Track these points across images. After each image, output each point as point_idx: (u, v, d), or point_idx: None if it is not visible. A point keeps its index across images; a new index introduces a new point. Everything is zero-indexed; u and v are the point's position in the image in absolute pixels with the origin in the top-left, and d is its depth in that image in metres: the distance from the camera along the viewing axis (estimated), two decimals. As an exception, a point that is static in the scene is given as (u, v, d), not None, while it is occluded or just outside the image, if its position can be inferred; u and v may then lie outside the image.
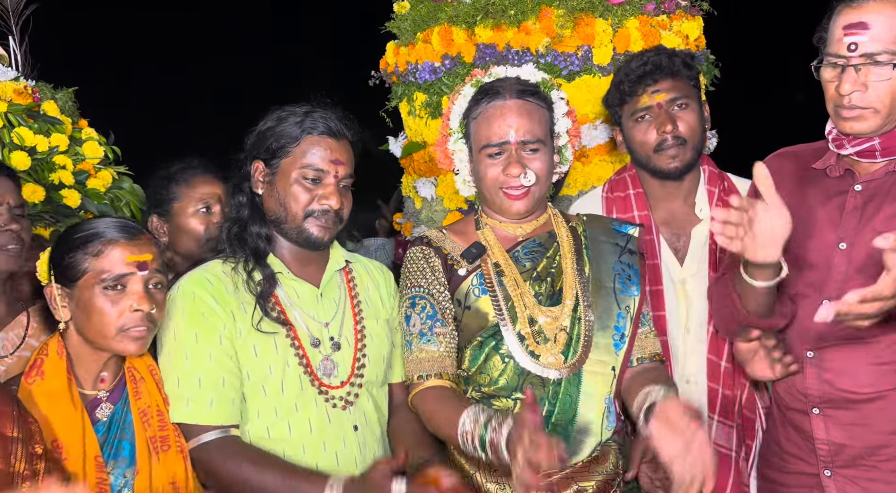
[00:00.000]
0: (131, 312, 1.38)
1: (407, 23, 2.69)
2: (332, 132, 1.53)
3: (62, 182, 2.50)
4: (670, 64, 1.88)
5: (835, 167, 1.56)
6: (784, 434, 1.64)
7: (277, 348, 1.49)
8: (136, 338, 1.40)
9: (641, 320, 1.64)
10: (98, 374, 1.44)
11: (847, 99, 1.43)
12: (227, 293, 1.50)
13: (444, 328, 1.56)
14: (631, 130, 1.93)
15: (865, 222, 1.49)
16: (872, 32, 1.39)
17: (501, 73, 1.61)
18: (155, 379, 1.49)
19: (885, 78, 1.40)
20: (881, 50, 1.39)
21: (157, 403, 1.46)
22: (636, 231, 1.70)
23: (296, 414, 1.49)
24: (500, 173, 1.56)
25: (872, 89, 1.42)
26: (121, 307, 1.38)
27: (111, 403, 1.44)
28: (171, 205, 2.03)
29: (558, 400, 1.53)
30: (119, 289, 1.39)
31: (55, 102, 2.60)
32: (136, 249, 1.41)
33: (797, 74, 1.56)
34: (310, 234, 1.53)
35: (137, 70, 6.43)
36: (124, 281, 1.39)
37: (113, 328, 1.38)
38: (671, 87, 1.87)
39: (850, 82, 1.42)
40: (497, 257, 1.60)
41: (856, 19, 1.41)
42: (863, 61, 1.41)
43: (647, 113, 1.89)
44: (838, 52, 1.43)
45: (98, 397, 1.43)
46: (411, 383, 1.56)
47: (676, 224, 1.94)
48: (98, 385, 1.44)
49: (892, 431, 1.48)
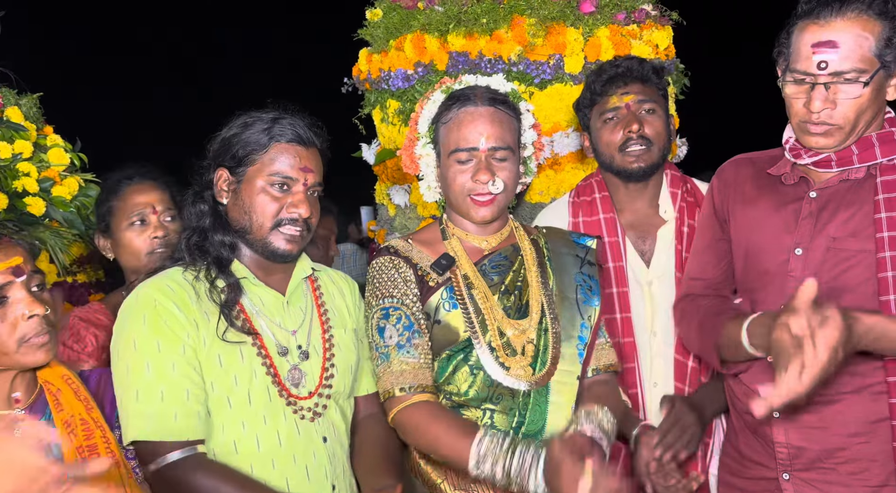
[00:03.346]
0: (25, 320, 1.30)
1: (379, 30, 2.69)
2: (300, 139, 1.49)
3: (26, 190, 2.44)
4: (641, 69, 1.93)
5: (790, 175, 1.59)
6: (744, 439, 1.66)
7: (243, 358, 1.43)
8: (41, 345, 1.31)
9: (599, 332, 1.66)
10: (8, 394, 1.34)
11: (816, 116, 1.46)
12: (190, 301, 1.43)
13: (420, 339, 1.54)
14: (599, 130, 1.96)
15: (820, 228, 1.52)
16: (841, 51, 1.41)
17: (472, 82, 1.62)
18: (72, 388, 1.40)
19: (854, 96, 1.43)
20: (850, 68, 1.41)
21: (78, 412, 1.37)
22: (594, 243, 1.73)
23: (264, 426, 1.43)
24: (468, 180, 1.56)
25: (840, 106, 1.44)
26: (11, 320, 1.29)
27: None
28: (109, 220, 1.96)
29: (528, 410, 1.54)
30: (2, 302, 1.29)
31: (19, 109, 2.55)
32: (1, 255, 1.30)
33: (765, 83, 1.60)
34: (276, 247, 1.48)
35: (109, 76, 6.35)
36: (3, 292, 1.29)
37: (12, 343, 1.29)
38: (640, 90, 1.91)
39: (821, 100, 1.44)
40: (466, 270, 1.60)
41: (825, 37, 1.42)
42: (832, 80, 1.43)
43: (615, 114, 1.92)
44: (807, 69, 1.44)
45: (14, 417, 1.32)
46: (391, 397, 1.51)
47: (642, 227, 1.97)
48: (13, 405, 1.34)
49: (850, 434, 1.50)
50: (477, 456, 1.36)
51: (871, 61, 1.42)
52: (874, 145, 1.49)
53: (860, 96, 1.43)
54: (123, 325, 1.42)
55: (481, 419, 1.54)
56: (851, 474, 1.51)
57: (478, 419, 1.54)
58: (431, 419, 1.46)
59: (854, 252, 1.47)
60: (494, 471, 1.35)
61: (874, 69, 1.42)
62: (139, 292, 1.44)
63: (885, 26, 1.42)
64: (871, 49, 1.41)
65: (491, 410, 1.53)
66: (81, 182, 2.63)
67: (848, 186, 1.52)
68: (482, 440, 1.37)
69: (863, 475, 1.50)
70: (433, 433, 1.45)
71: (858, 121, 1.46)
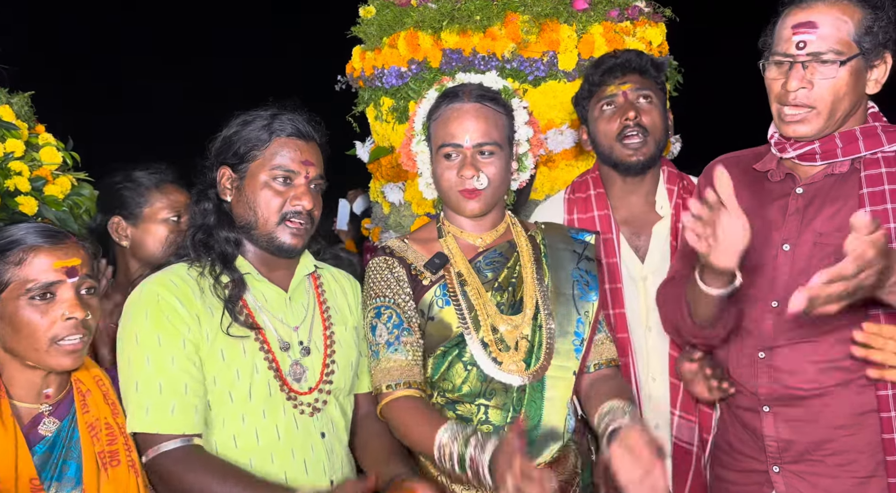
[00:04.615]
0: (63, 321, 1.31)
1: (373, 27, 2.69)
2: (301, 134, 1.52)
3: (18, 189, 2.43)
4: (639, 61, 1.94)
5: (776, 171, 1.61)
6: (734, 433, 1.68)
7: (246, 353, 1.46)
8: (71, 351, 1.32)
9: (598, 326, 1.67)
10: (40, 389, 1.35)
11: (793, 95, 1.48)
12: (194, 296, 1.45)
13: (410, 337, 1.56)
14: (596, 120, 1.96)
15: (807, 224, 1.54)
16: (820, 31, 1.44)
17: (466, 80, 1.64)
18: (101, 390, 1.42)
19: (830, 77, 1.45)
20: (827, 49, 1.44)
21: (104, 415, 1.38)
22: (593, 238, 1.75)
23: (263, 420, 1.45)
24: (454, 175, 1.58)
25: (817, 87, 1.46)
26: (51, 317, 1.30)
27: (57, 418, 1.35)
28: (140, 209, 2.00)
29: (523, 406, 1.55)
30: (48, 298, 1.31)
31: (10, 107, 2.53)
32: (62, 253, 1.33)
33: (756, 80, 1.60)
34: (282, 242, 1.50)
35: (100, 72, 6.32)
36: (53, 289, 1.31)
37: (44, 340, 1.30)
38: (639, 81, 1.93)
39: (798, 79, 1.46)
40: (460, 267, 1.62)
41: (804, 19, 1.46)
42: (809, 59, 1.45)
43: (613, 102, 1.93)
44: (786, 51, 1.47)
45: (40, 413, 1.34)
46: (379, 393, 1.55)
47: (637, 222, 1.98)
48: (43, 400, 1.36)
49: (837, 426, 1.52)
50: (439, 445, 1.39)
51: (848, 45, 1.44)
52: (858, 139, 1.51)
53: (836, 78, 1.45)
54: (127, 319, 1.44)
55: (476, 414, 1.55)
56: (839, 465, 1.53)
57: (472, 414, 1.56)
58: (407, 411, 1.50)
59: (840, 247, 1.48)
60: (453, 462, 1.38)
61: (852, 53, 1.44)
62: (144, 287, 1.47)
63: (865, 14, 1.45)
64: (849, 33, 1.44)
65: (485, 405, 1.55)
66: (74, 181, 2.62)
67: (833, 181, 1.54)
68: (446, 431, 1.40)
69: (850, 466, 1.52)
70: (407, 424, 1.50)
71: (836, 107, 1.48)
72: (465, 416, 1.56)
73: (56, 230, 1.38)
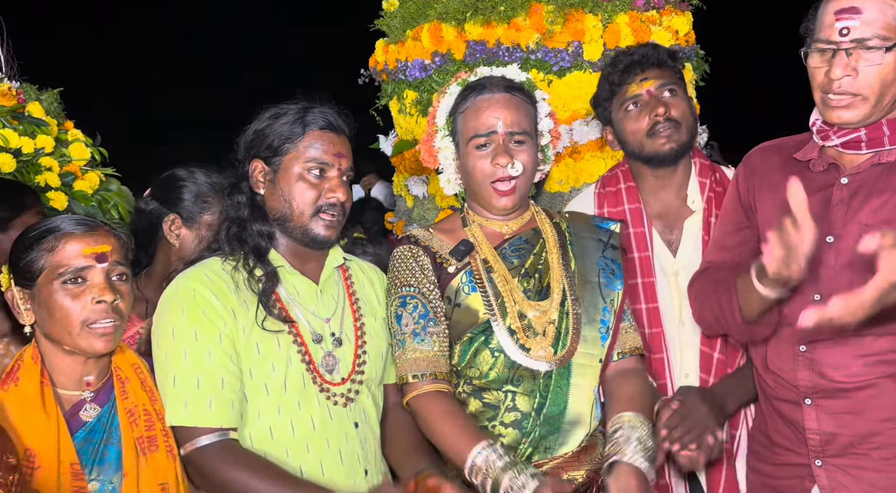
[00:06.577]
0: (94, 304, 1.35)
1: (396, 20, 2.68)
2: (332, 126, 1.54)
3: (48, 184, 2.47)
4: (656, 54, 1.91)
5: (818, 161, 1.56)
6: (773, 426, 1.65)
7: (280, 346, 1.48)
8: (102, 334, 1.36)
9: (623, 315, 1.67)
10: (81, 376, 1.40)
11: (837, 84, 1.44)
12: (229, 291, 1.47)
13: (436, 328, 1.56)
14: (622, 120, 1.93)
15: (852, 215, 1.50)
16: (864, 17, 1.40)
17: (486, 73, 1.64)
18: (139, 378, 1.45)
19: (876, 63, 1.41)
20: (872, 34, 1.40)
21: (142, 402, 1.42)
22: (618, 227, 1.73)
23: (298, 412, 1.47)
24: (488, 164, 1.57)
25: (862, 75, 1.42)
26: (83, 301, 1.35)
27: (97, 404, 1.40)
28: (201, 215, 1.97)
29: (549, 392, 1.55)
30: (79, 282, 1.36)
31: (40, 104, 2.57)
32: (92, 240, 1.38)
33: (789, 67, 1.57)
34: (316, 234, 1.52)
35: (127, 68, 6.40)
36: (84, 274, 1.36)
37: (76, 324, 1.35)
38: (659, 75, 1.89)
39: (841, 67, 1.42)
40: (486, 254, 1.62)
41: (847, 4, 1.42)
42: (853, 46, 1.41)
43: (638, 101, 1.90)
44: (829, 37, 1.43)
45: (82, 399, 1.39)
46: (406, 383, 1.56)
47: (669, 217, 1.95)
48: (84, 387, 1.40)
49: (884, 418, 1.49)
50: (472, 465, 1.42)
51: (895, 30, 1.40)
52: None
53: (882, 64, 1.41)
54: (163, 314, 1.47)
55: (503, 401, 1.56)
56: (885, 459, 1.49)
57: (500, 401, 1.56)
58: (442, 416, 1.51)
59: None
60: (485, 485, 1.40)
61: None
62: (179, 282, 1.49)
63: None
64: (895, 18, 1.40)
65: (512, 392, 1.55)
66: (102, 177, 2.66)
67: (880, 171, 1.49)
68: (481, 451, 1.42)
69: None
70: (440, 430, 1.50)
71: (884, 94, 1.44)
72: (493, 403, 1.56)
73: (89, 220, 1.43)
